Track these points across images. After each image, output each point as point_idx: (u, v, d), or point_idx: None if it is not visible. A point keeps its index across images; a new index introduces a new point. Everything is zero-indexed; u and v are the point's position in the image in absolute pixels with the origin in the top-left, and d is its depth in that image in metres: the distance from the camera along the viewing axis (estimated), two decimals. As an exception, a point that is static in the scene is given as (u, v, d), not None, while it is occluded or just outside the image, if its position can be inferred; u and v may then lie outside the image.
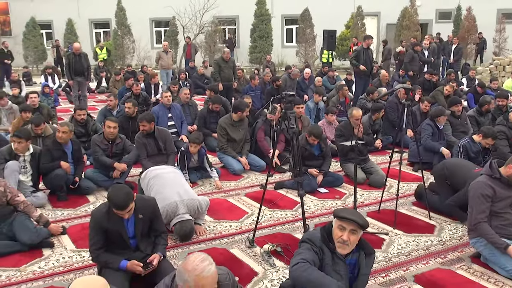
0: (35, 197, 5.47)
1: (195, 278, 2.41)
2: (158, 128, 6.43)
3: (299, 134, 4.71)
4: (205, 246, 4.52)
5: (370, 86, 10.57)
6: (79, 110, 7.48)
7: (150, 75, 12.74)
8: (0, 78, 16.30)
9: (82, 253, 4.38)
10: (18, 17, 25.09)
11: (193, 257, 2.50)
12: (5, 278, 3.97)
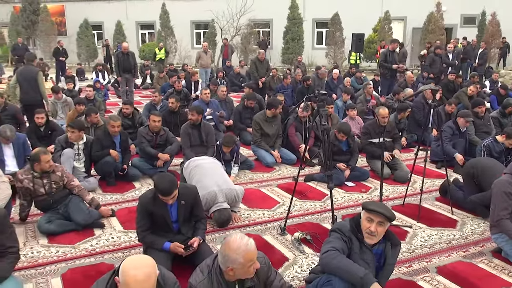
0: (87, 182, 5.60)
1: (244, 254, 2.46)
2: (204, 121, 6.50)
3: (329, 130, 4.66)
4: (240, 232, 4.53)
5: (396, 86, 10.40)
6: (126, 105, 7.62)
7: (190, 73, 12.85)
8: (56, 74, 16.78)
9: (129, 234, 4.46)
10: (72, 19, 25.78)
11: (232, 238, 2.54)
12: (61, 254, 4.09)
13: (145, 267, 2.22)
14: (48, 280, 3.66)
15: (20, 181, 4.48)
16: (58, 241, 4.32)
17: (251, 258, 2.50)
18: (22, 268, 3.77)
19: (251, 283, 2.63)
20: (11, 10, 26.13)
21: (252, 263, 2.52)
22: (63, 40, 19.71)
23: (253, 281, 2.64)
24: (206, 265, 2.65)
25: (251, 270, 2.55)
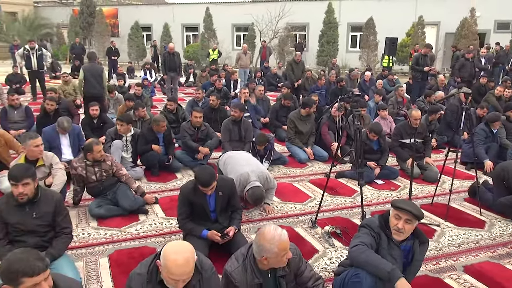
0: (134, 171, 5.71)
1: (278, 245, 2.45)
2: (244, 118, 6.53)
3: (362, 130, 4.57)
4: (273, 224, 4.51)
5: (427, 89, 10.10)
6: (170, 101, 7.73)
7: (230, 72, 12.91)
8: (108, 72, 17.23)
9: (171, 221, 4.52)
10: (125, 21, 26.41)
11: (267, 229, 2.53)
12: (109, 236, 4.20)
13: (185, 252, 2.24)
14: (97, 259, 3.76)
15: (75, 168, 4.62)
16: (106, 224, 4.43)
17: (285, 248, 2.48)
18: (74, 247, 3.88)
19: (283, 272, 2.61)
20: (70, 13, 27.06)
21: (285, 253, 2.51)
22: (115, 40, 20.25)
23: (285, 270, 2.62)
24: (241, 253, 2.64)
25: (284, 259, 2.53)
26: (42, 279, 1.91)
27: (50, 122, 6.14)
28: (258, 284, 2.55)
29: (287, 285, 2.64)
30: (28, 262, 1.89)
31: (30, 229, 3.21)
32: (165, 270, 2.20)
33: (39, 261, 1.93)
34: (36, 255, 1.96)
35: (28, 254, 1.94)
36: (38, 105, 9.22)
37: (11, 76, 13.12)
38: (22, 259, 1.90)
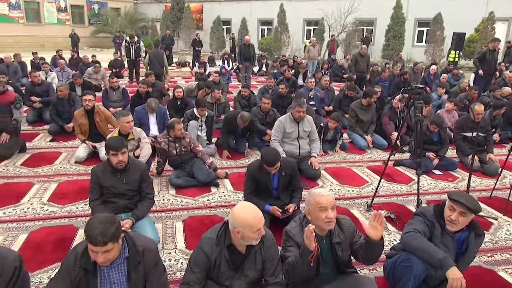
0: (208, 148, 5.82)
1: (315, 197, 2.41)
2: (308, 106, 6.41)
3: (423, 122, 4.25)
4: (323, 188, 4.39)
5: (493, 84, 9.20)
6: (244, 88, 7.76)
7: (299, 63, 12.70)
8: (192, 60, 17.73)
9: (238, 194, 4.57)
10: (208, 16, 26.94)
11: (317, 191, 2.49)
12: (185, 203, 4.34)
13: (251, 205, 2.31)
14: (173, 223, 3.90)
15: (159, 143, 4.81)
16: (183, 193, 4.58)
17: (319, 201, 2.38)
18: (155, 211, 4.05)
19: (338, 239, 2.52)
20: (163, 9, 28.12)
21: (326, 213, 2.39)
22: (200, 33, 20.72)
23: (340, 237, 2.53)
24: (299, 217, 2.62)
25: (324, 215, 2.42)
26: (99, 250, 1.96)
27: (141, 103, 6.44)
28: None
29: (342, 252, 2.55)
30: (94, 232, 1.95)
31: (120, 192, 3.39)
32: (245, 228, 2.19)
33: (102, 236, 1.95)
34: (105, 230, 1.96)
35: (100, 225, 1.98)
36: (133, 88, 9.74)
37: (113, 62, 13.97)
38: (93, 226, 1.97)
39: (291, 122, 5.21)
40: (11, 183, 4.68)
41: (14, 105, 4.90)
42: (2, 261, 2.04)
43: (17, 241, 3.45)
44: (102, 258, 1.96)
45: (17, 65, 10.99)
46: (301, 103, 5.14)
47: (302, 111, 5.12)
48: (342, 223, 2.57)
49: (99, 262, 1.97)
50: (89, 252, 1.99)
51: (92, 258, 1.99)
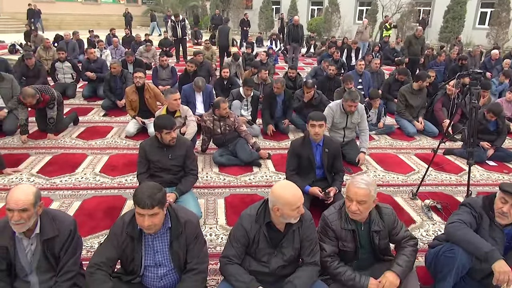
0: (252, 128, 5.90)
1: (349, 185, 2.41)
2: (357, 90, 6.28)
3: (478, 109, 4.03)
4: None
5: None
6: (292, 69, 7.69)
7: (349, 45, 12.33)
8: (240, 40, 17.76)
9: (279, 175, 4.60)
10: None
11: (358, 176, 2.46)
12: (227, 181, 4.44)
13: (291, 183, 2.32)
14: (215, 199, 4.02)
15: (204, 121, 4.92)
16: (225, 171, 4.68)
17: (355, 192, 2.36)
18: (198, 187, 4.19)
19: (377, 228, 2.50)
20: (213, -13, 28.15)
21: (350, 204, 2.40)
22: (249, 13, 20.63)
23: (379, 226, 2.50)
24: (338, 203, 2.60)
25: (348, 205, 2.43)
26: (146, 213, 2.04)
27: (189, 81, 6.59)
28: (350, 230, 2.49)
29: (380, 241, 2.52)
30: (142, 195, 2.04)
31: (166, 167, 3.53)
32: (284, 206, 2.22)
33: (150, 199, 2.04)
34: (153, 194, 2.06)
35: (148, 190, 2.07)
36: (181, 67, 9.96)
37: (163, 41, 14.32)
38: (142, 191, 2.07)
39: (341, 113, 4.98)
40: (68, 154, 5.01)
41: (47, 105, 5.32)
42: (60, 224, 2.22)
43: (72, 208, 3.72)
44: (148, 221, 2.05)
45: (75, 43, 11.57)
46: (355, 98, 4.84)
47: (354, 106, 4.86)
48: (383, 212, 2.53)
49: (145, 226, 2.07)
50: (136, 217, 2.10)
51: (139, 224, 2.10)
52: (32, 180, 4.25)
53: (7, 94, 5.60)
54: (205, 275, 2.31)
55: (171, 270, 2.28)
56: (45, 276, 2.27)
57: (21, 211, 2.04)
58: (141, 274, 2.27)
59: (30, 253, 2.21)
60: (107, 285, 2.09)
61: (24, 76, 7.55)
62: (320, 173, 3.84)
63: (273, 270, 2.40)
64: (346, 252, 2.53)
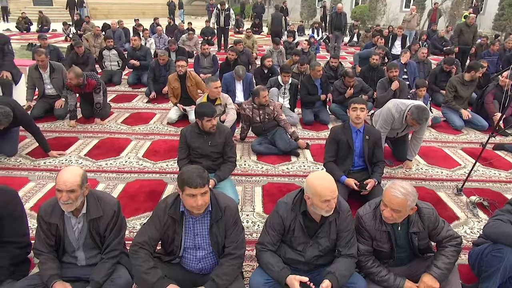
0: (291, 117, 5.85)
1: (387, 190, 2.33)
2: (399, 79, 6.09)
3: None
4: (414, 184, 4.17)
5: None
6: (334, 59, 7.55)
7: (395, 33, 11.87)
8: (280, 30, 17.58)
9: (318, 165, 4.57)
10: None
11: (399, 182, 2.36)
12: (264, 170, 4.46)
13: (328, 175, 2.29)
14: (253, 187, 4.06)
15: (244, 109, 4.95)
16: (263, 160, 4.70)
17: (390, 199, 2.28)
18: (236, 174, 4.23)
19: (416, 229, 2.42)
20: (256, -24, 27.97)
21: (384, 209, 2.33)
22: (291, 1, 20.31)
23: (418, 227, 2.42)
24: (374, 202, 2.54)
25: (388, 214, 2.32)
26: (198, 192, 2.10)
27: (229, 70, 6.63)
28: (385, 231, 2.43)
29: (419, 241, 2.45)
30: (192, 175, 2.11)
31: (205, 153, 3.60)
32: (314, 196, 2.22)
33: (200, 178, 2.11)
34: (201, 173, 2.14)
35: (195, 170, 2.15)
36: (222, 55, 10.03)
37: (204, 30, 14.44)
38: (189, 172, 2.13)
39: (402, 123, 4.29)
40: (113, 138, 5.22)
41: (94, 91, 5.51)
42: (104, 205, 2.34)
43: (116, 190, 3.89)
44: (201, 200, 2.12)
45: (121, 31, 11.94)
46: (422, 119, 4.07)
47: (418, 126, 4.21)
48: (423, 212, 2.44)
49: (198, 205, 2.12)
50: (186, 200, 2.14)
51: (190, 205, 2.14)
52: (80, 162, 4.47)
53: (59, 83, 5.88)
54: (241, 261, 2.35)
55: (210, 253, 2.34)
56: (91, 253, 2.40)
57: (69, 191, 2.16)
58: (180, 255, 2.35)
59: (78, 231, 2.34)
60: (149, 264, 2.18)
61: (74, 63, 7.88)
62: (360, 162, 3.77)
63: (309, 260, 2.40)
64: (381, 251, 2.48)
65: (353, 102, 3.70)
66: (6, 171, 4.20)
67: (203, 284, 2.23)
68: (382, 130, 4.24)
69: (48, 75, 5.83)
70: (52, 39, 13.93)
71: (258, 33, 16.99)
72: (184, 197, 2.15)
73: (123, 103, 6.75)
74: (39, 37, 8.29)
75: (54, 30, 17.49)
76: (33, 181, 4.01)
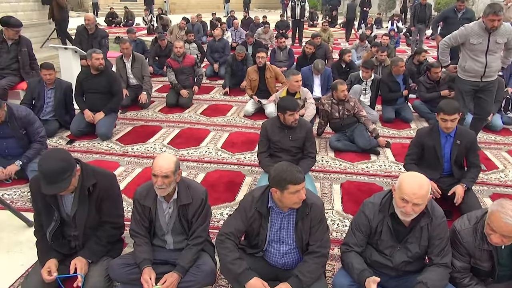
0: (370, 114, 5.62)
1: (495, 214, 2.04)
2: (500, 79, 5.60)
3: None
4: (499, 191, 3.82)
5: None
6: (420, 53, 7.18)
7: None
8: (358, 22, 17.02)
9: (399, 165, 4.34)
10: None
11: (509, 203, 2.10)
12: (343, 167, 4.35)
13: (424, 182, 2.12)
14: (331, 184, 3.97)
15: (322, 104, 4.86)
16: (342, 157, 4.59)
17: (505, 229, 2.01)
18: (314, 170, 4.15)
19: None
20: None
21: (493, 235, 2.06)
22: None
23: None
24: (475, 216, 2.30)
25: (497, 240, 2.07)
26: (301, 188, 2.12)
27: (307, 64, 6.56)
28: (487, 250, 2.21)
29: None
30: (293, 173, 2.12)
31: (285, 148, 3.59)
32: (398, 190, 2.12)
33: (300, 173, 2.14)
34: (298, 169, 2.17)
35: (291, 167, 2.16)
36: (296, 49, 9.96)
37: (279, 23, 14.46)
38: (288, 170, 2.13)
39: (481, 30, 4.02)
40: (193, 129, 5.43)
41: (196, 64, 6.27)
42: (193, 192, 2.42)
43: (197, 179, 4.03)
44: (303, 194, 2.15)
45: (200, 25, 12.37)
46: (497, 10, 3.81)
47: (498, 19, 3.87)
48: None
49: (302, 199, 2.15)
50: (289, 197, 2.13)
51: (294, 201, 2.15)
52: (164, 150, 4.71)
53: (138, 73, 6.24)
54: (325, 260, 2.30)
55: (294, 249, 2.32)
56: (179, 238, 2.51)
57: (163, 177, 2.26)
58: (264, 249, 2.36)
59: (168, 216, 2.45)
60: (235, 254, 2.22)
61: (157, 56, 8.35)
62: (449, 168, 3.50)
63: (397, 265, 2.28)
64: (480, 270, 2.27)
65: (442, 110, 3.26)
66: (99, 155, 4.56)
67: (285, 279, 2.22)
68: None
69: (130, 64, 6.21)
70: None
71: (332, 25, 16.61)
72: (286, 196, 2.14)
73: (202, 95, 6.98)
74: (128, 31, 8.86)
75: (138, 24, 18.60)
76: (122, 165, 4.30)
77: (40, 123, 3.92)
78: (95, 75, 4.97)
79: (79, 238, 2.47)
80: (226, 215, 3.35)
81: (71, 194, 2.40)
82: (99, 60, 4.88)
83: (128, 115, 5.87)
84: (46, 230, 2.42)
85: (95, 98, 4.99)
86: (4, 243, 2.97)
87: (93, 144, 4.83)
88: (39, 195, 2.34)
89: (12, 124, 3.68)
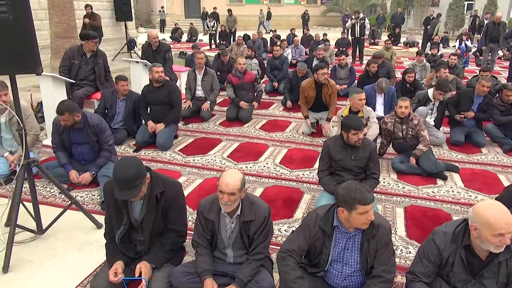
0: (436, 137, 5.36)
1: None
2: None
3: None
4: None
5: None
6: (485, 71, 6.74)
7: None
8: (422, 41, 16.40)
9: (469, 193, 4.08)
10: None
11: None
12: (406, 190, 4.17)
13: (504, 207, 1.98)
14: (394, 207, 3.81)
15: (385, 123, 4.71)
16: (405, 180, 4.40)
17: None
18: (376, 192, 3.98)
19: None
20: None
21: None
22: (435, 10, 18.92)
23: None
24: None
25: None
26: (370, 208, 2.07)
27: (370, 82, 6.42)
28: None
29: None
30: (363, 193, 2.07)
31: (347, 167, 3.51)
32: (483, 227, 1.96)
33: (369, 193, 2.09)
34: (367, 188, 2.13)
35: (360, 186, 2.12)
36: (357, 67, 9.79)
37: (339, 41, 14.37)
38: (358, 190, 2.09)
39: None
40: (252, 143, 5.49)
41: (256, 81, 6.43)
42: (257, 209, 2.43)
43: (256, 193, 4.05)
44: (372, 215, 2.10)
45: (260, 41, 12.62)
46: None
47: None
48: None
49: (370, 219, 2.10)
50: (357, 218, 2.09)
51: (362, 222, 2.11)
52: (223, 163, 4.81)
53: (207, 86, 6.48)
54: (390, 286, 2.20)
55: (357, 271, 2.25)
56: (239, 252, 2.53)
57: (230, 194, 2.29)
58: (326, 269, 2.31)
59: (230, 230, 2.48)
60: (297, 273, 2.19)
61: (219, 71, 8.60)
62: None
63: (471, 301, 2.13)
64: None
65: None
66: (163, 164, 4.75)
67: (346, 303, 2.15)
68: None
69: (201, 76, 6.47)
70: (199, 48, 15.46)
71: (395, 44, 16.19)
72: (354, 216, 2.09)
73: (261, 110, 7.07)
74: (193, 46, 9.25)
75: (201, 40, 19.37)
76: (184, 175, 4.44)
77: (109, 132, 4.18)
78: (157, 87, 5.26)
79: (145, 243, 2.57)
80: (284, 231, 3.32)
81: (140, 200, 2.51)
82: (159, 73, 5.19)
83: (190, 127, 6.08)
84: (115, 233, 2.54)
85: (157, 109, 5.28)
86: (76, 242, 3.16)
87: (157, 153, 5.05)
88: (111, 200, 2.47)
89: (86, 131, 3.96)
